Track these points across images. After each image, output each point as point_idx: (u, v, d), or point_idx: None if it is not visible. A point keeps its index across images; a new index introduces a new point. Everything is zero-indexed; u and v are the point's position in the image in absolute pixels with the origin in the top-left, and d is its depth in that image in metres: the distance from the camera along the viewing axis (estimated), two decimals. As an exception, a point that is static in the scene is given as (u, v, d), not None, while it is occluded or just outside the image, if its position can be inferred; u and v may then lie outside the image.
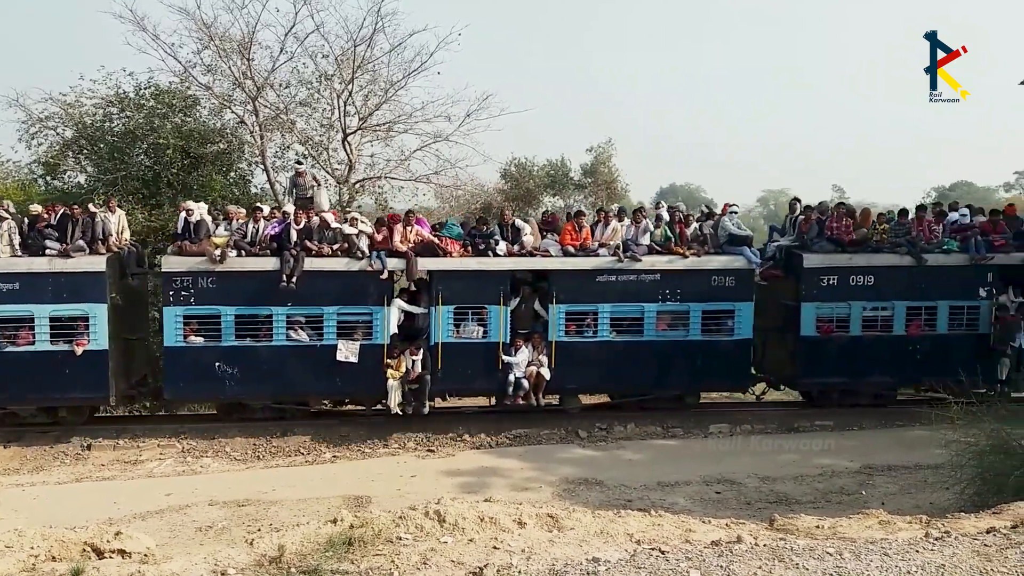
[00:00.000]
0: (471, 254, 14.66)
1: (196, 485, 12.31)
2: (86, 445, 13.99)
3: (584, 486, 12.00)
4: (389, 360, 14.13)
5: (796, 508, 10.53)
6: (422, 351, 14.22)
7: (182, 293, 13.92)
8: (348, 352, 14.24)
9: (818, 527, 7.40)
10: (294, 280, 13.84)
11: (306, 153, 20.96)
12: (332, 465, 13.49)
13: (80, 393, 14.10)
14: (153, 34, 19.44)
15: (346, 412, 15.80)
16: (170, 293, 13.96)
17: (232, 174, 21.27)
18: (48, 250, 13.91)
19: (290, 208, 14.61)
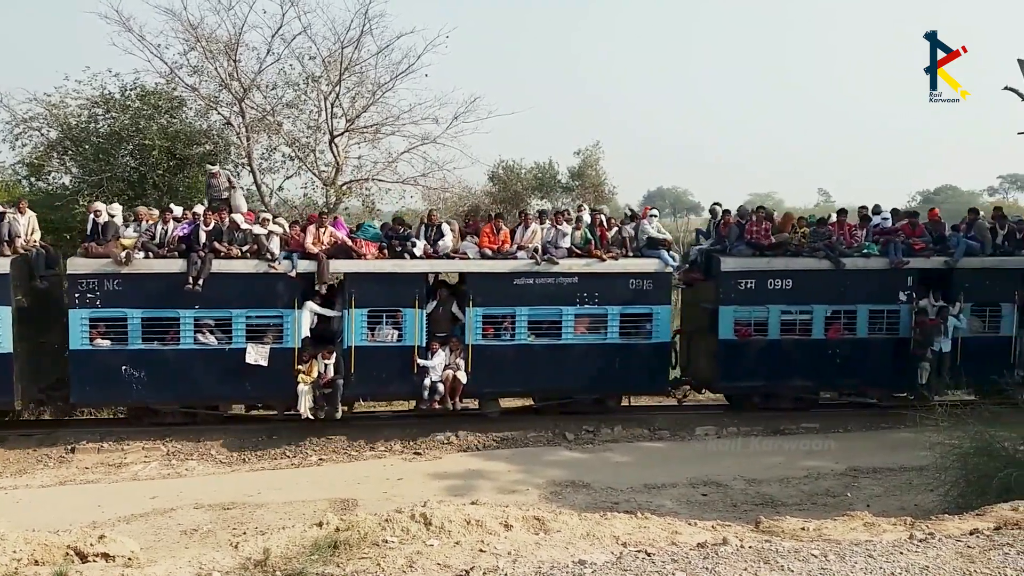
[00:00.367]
0: (388, 256, 14.51)
1: (181, 488, 12.26)
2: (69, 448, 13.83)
3: (571, 488, 12.03)
4: (300, 365, 13.83)
5: (782, 510, 10.58)
6: (335, 355, 13.98)
7: (88, 295, 13.68)
8: (257, 356, 13.96)
9: (803, 529, 7.43)
10: (200, 282, 13.64)
11: (293, 155, 20.89)
12: (318, 468, 13.46)
13: None
14: (139, 35, 19.28)
15: (258, 417, 15.49)
16: (76, 295, 13.71)
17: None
18: (-48, 252, 13.47)
19: (200, 209, 14.44)
